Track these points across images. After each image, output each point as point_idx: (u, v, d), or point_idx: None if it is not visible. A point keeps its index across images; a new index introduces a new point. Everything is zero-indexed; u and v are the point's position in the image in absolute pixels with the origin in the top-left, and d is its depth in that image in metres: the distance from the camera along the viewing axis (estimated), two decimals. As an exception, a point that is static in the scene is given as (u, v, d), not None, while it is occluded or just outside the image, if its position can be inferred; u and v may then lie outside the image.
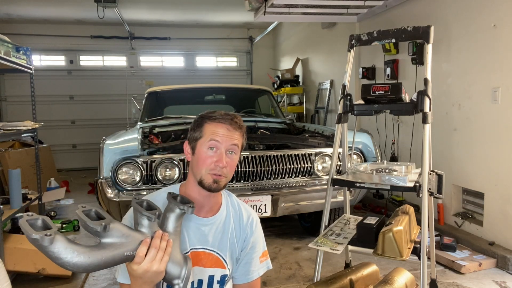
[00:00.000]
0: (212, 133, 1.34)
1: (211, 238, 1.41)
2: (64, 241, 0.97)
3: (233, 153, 1.36)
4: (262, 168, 3.13)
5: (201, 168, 1.34)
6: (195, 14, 7.82)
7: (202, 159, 1.34)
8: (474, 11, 3.46)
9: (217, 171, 1.33)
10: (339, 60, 6.05)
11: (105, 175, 2.89)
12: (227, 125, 1.35)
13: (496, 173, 3.27)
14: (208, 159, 1.33)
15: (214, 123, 1.36)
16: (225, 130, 1.35)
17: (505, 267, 3.06)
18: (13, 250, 2.93)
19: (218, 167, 1.32)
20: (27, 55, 3.68)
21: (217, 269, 1.42)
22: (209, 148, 1.34)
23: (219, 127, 1.35)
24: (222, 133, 1.34)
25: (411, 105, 2.00)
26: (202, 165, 1.34)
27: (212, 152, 1.34)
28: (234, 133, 1.36)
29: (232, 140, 1.35)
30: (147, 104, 4.51)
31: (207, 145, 1.34)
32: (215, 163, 1.33)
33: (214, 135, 1.34)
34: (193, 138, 1.39)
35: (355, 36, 2.22)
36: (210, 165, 1.33)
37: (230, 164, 1.36)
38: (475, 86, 3.47)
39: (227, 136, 1.34)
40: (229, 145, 1.34)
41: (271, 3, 4.43)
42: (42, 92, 7.61)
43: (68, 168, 8.22)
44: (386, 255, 1.81)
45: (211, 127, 1.36)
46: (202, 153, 1.34)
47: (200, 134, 1.36)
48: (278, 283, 2.96)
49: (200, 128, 1.37)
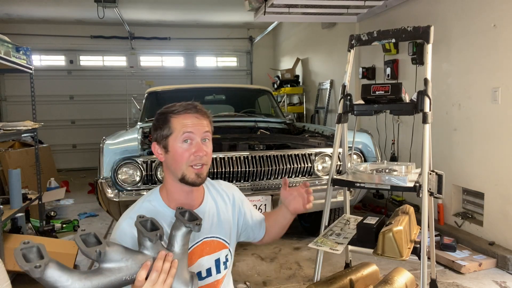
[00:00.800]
0: (182, 126, 1.32)
1: (207, 226, 1.42)
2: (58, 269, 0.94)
3: (207, 140, 1.36)
4: (262, 168, 3.13)
5: (181, 164, 1.31)
6: (195, 14, 7.82)
7: (179, 154, 1.31)
8: (474, 11, 3.46)
9: (198, 161, 1.31)
10: (339, 60, 6.05)
11: (105, 175, 2.89)
12: (195, 114, 1.34)
13: (496, 173, 3.27)
14: (185, 152, 1.31)
15: (180, 116, 1.33)
16: (194, 119, 1.33)
17: (505, 267, 3.05)
18: (13, 250, 2.93)
19: (198, 156, 1.31)
20: (27, 55, 3.68)
21: (221, 251, 1.45)
22: (183, 141, 1.31)
23: (187, 118, 1.33)
24: (192, 123, 1.32)
25: (411, 105, 2.00)
26: (180, 161, 1.31)
27: (187, 145, 1.31)
28: (203, 121, 1.35)
29: (204, 127, 1.34)
30: (147, 104, 4.52)
31: (181, 139, 1.31)
32: (194, 154, 1.31)
33: (186, 127, 1.31)
34: (161, 136, 1.34)
35: (355, 36, 2.22)
36: (189, 158, 1.31)
37: (208, 151, 1.35)
38: (475, 86, 3.47)
39: (198, 125, 1.33)
40: (202, 133, 1.33)
41: (271, 3, 4.43)
42: (42, 92, 7.60)
43: (68, 168, 8.22)
44: (386, 255, 1.81)
45: (179, 120, 1.33)
46: (178, 149, 1.31)
47: (169, 130, 1.33)
48: (278, 283, 2.96)
49: (167, 125, 1.33)
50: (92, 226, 4.49)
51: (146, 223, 1.13)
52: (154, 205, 1.37)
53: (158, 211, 1.35)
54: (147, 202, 1.38)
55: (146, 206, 1.37)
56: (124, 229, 1.29)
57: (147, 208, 1.36)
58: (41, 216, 4.02)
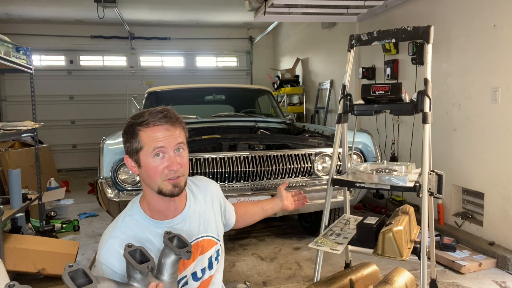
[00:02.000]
0: (152, 140, 1.23)
1: (194, 227, 1.41)
2: None
3: (181, 150, 1.28)
4: (262, 168, 3.13)
5: (155, 179, 1.25)
6: (195, 14, 7.82)
7: (153, 170, 1.24)
8: (474, 11, 3.46)
9: (172, 174, 1.25)
10: (339, 60, 6.05)
11: (105, 175, 2.89)
12: (164, 125, 1.24)
13: (496, 173, 3.27)
14: (158, 167, 1.24)
15: (149, 129, 1.23)
16: (164, 131, 1.24)
17: (505, 267, 3.05)
18: (13, 250, 2.93)
19: (172, 171, 1.25)
20: (27, 55, 3.68)
21: (212, 249, 1.46)
22: (155, 156, 1.24)
23: (156, 131, 1.23)
24: (163, 136, 1.23)
25: (411, 105, 2.00)
26: (154, 176, 1.25)
27: (160, 159, 1.24)
28: (175, 131, 1.26)
29: (176, 139, 1.26)
30: (147, 104, 4.52)
31: (152, 154, 1.24)
32: (167, 168, 1.24)
33: (155, 141, 1.23)
34: (132, 150, 1.26)
35: (355, 36, 2.22)
36: (162, 172, 1.24)
37: (183, 162, 1.28)
38: (475, 86, 3.47)
39: (169, 137, 1.24)
40: (175, 145, 1.25)
41: (271, 3, 4.43)
42: (42, 92, 7.61)
43: (68, 168, 8.22)
44: (386, 255, 1.81)
45: (148, 133, 1.24)
46: (150, 164, 1.24)
47: (138, 144, 1.24)
48: (278, 283, 2.96)
49: (136, 139, 1.25)
50: (92, 226, 4.49)
51: (135, 254, 1.10)
52: (137, 218, 1.32)
53: (141, 224, 1.32)
54: (128, 217, 1.33)
55: (128, 221, 1.32)
56: (110, 250, 1.25)
57: (130, 223, 1.32)
58: (41, 216, 4.02)
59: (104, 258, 1.24)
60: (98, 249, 1.29)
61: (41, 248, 3.06)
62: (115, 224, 1.34)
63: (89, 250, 3.67)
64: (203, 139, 3.13)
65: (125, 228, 1.30)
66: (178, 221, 1.37)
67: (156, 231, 1.32)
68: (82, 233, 4.23)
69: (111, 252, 1.25)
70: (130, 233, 1.29)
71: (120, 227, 1.31)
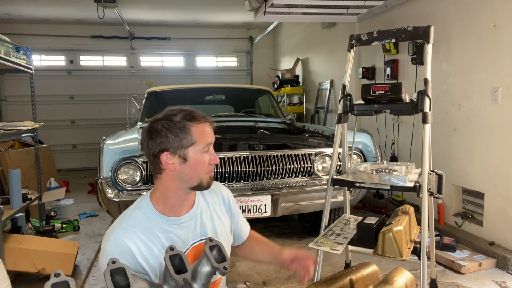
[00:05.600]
0: (203, 135, 1.31)
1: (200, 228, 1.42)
2: None
3: None
4: (262, 168, 3.13)
5: (201, 173, 1.32)
6: (195, 14, 7.82)
7: (201, 164, 1.31)
8: (474, 11, 3.46)
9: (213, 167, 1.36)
10: (339, 60, 6.05)
11: (105, 175, 2.89)
12: (209, 122, 1.35)
13: (496, 173, 3.27)
14: (206, 161, 1.32)
15: (200, 125, 1.31)
16: (210, 128, 1.34)
17: (505, 267, 3.05)
18: (13, 250, 2.93)
19: (214, 164, 1.35)
20: (27, 55, 3.68)
21: None
22: (205, 151, 1.32)
23: (206, 127, 1.33)
24: (210, 132, 1.34)
25: (411, 105, 2.00)
26: (202, 169, 1.32)
27: (207, 154, 1.33)
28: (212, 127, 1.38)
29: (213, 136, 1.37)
30: (147, 104, 4.52)
31: (204, 149, 1.31)
32: (210, 162, 1.33)
33: (207, 137, 1.32)
34: (181, 146, 1.29)
35: (355, 36, 2.22)
36: (208, 166, 1.33)
37: None
38: (475, 86, 3.47)
39: (212, 133, 1.35)
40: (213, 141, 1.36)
41: (271, 3, 4.43)
42: (42, 92, 7.60)
43: (68, 168, 8.22)
44: (386, 255, 1.81)
45: (199, 129, 1.31)
46: (199, 158, 1.31)
47: (190, 140, 1.29)
48: (278, 283, 2.96)
49: (187, 134, 1.29)
50: (92, 226, 4.49)
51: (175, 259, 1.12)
52: (145, 212, 1.35)
53: (150, 218, 1.34)
54: (138, 209, 1.36)
55: (137, 214, 1.35)
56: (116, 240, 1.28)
57: (139, 215, 1.34)
58: (41, 216, 4.02)
59: (110, 248, 1.27)
60: (104, 239, 1.32)
61: (41, 248, 3.06)
62: (123, 215, 1.37)
63: (89, 250, 3.67)
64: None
65: (133, 220, 1.33)
66: (185, 219, 1.39)
67: (163, 227, 1.34)
68: (82, 233, 4.23)
69: (117, 243, 1.27)
70: (137, 225, 1.31)
71: (128, 219, 1.33)
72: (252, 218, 3.07)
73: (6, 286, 1.40)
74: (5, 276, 1.40)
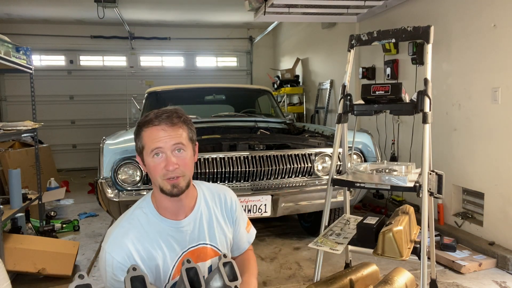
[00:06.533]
0: (150, 140, 1.29)
1: (199, 232, 1.42)
2: None
3: (181, 150, 1.30)
4: (262, 168, 3.13)
5: (156, 177, 1.30)
6: (195, 14, 7.82)
7: (152, 168, 1.30)
8: (474, 11, 3.46)
9: (170, 174, 1.28)
10: (339, 60, 6.05)
11: (105, 175, 2.89)
12: (163, 126, 1.29)
13: (496, 173, 3.27)
14: (157, 166, 1.29)
15: (149, 129, 1.30)
16: (161, 132, 1.28)
17: (505, 267, 3.05)
18: (13, 250, 2.93)
19: (169, 170, 1.28)
20: (27, 55, 3.68)
21: (214, 259, 1.45)
22: (154, 156, 1.29)
23: (154, 131, 1.29)
24: (160, 137, 1.28)
25: (411, 105, 2.00)
26: (155, 174, 1.30)
27: (158, 159, 1.29)
28: (174, 131, 1.29)
29: (174, 139, 1.29)
30: (147, 104, 4.52)
31: (151, 154, 1.29)
32: (165, 168, 1.28)
33: (153, 141, 1.28)
34: (138, 150, 1.35)
35: (355, 36, 2.22)
36: (161, 171, 1.29)
37: (182, 162, 1.30)
38: (475, 86, 3.47)
39: (166, 138, 1.28)
40: (171, 146, 1.28)
41: (271, 3, 4.43)
42: (42, 92, 7.60)
43: (68, 168, 8.22)
44: (386, 255, 1.81)
45: (148, 134, 1.30)
46: (150, 163, 1.30)
47: (141, 144, 1.32)
48: (278, 283, 2.96)
49: (139, 138, 1.32)
50: (92, 226, 4.48)
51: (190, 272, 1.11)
52: (146, 212, 1.36)
53: (149, 219, 1.35)
54: (139, 209, 1.37)
55: (138, 214, 1.36)
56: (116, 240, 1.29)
57: (139, 216, 1.35)
58: (41, 216, 4.02)
59: (110, 247, 1.28)
60: (105, 237, 1.34)
61: (41, 248, 3.06)
62: (125, 215, 1.39)
63: (89, 250, 3.67)
64: (203, 139, 3.13)
65: (133, 220, 1.34)
66: (184, 223, 1.39)
67: (162, 229, 1.34)
68: (82, 233, 4.23)
69: (116, 242, 1.29)
70: (137, 225, 1.32)
71: (129, 218, 1.35)
72: (252, 218, 3.07)
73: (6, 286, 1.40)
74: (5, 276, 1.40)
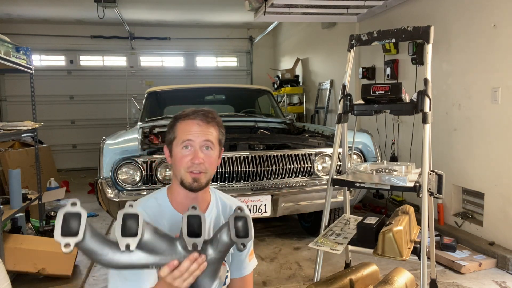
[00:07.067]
0: (183, 132, 1.34)
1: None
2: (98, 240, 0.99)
3: (209, 148, 1.35)
4: (262, 168, 3.13)
5: (179, 168, 1.33)
6: (195, 14, 7.82)
7: (179, 159, 1.33)
8: (474, 11, 3.46)
9: (194, 168, 1.31)
10: (339, 60, 6.05)
11: (105, 175, 2.89)
12: (198, 121, 1.34)
13: (496, 173, 3.27)
14: (184, 158, 1.32)
15: (185, 122, 1.35)
16: (196, 126, 1.34)
17: (505, 267, 3.05)
18: (13, 250, 2.93)
19: (194, 164, 1.31)
20: (27, 55, 3.68)
21: None
22: (183, 147, 1.33)
23: (189, 124, 1.34)
24: (193, 130, 1.33)
25: (411, 105, 2.00)
26: (179, 165, 1.33)
27: (187, 151, 1.33)
28: (207, 128, 1.34)
29: (205, 136, 1.33)
30: (147, 104, 4.52)
31: (181, 145, 1.33)
32: (191, 160, 1.32)
33: (186, 133, 1.33)
34: (168, 140, 1.39)
35: (355, 36, 2.22)
36: (187, 163, 1.32)
37: (208, 160, 1.34)
38: (475, 86, 3.47)
39: (199, 132, 1.33)
40: (202, 141, 1.33)
41: (271, 3, 4.43)
42: (42, 92, 7.59)
43: (68, 168, 8.21)
44: (386, 255, 1.81)
45: (182, 126, 1.35)
46: (178, 153, 1.34)
47: (173, 135, 1.36)
48: (278, 283, 2.96)
49: (173, 129, 1.37)
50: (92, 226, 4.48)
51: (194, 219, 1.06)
52: (160, 203, 1.38)
53: (162, 210, 1.37)
54: (153, 199, 1.40)
55: (151, 203, 1.38)
56: None
57: (152, 205, 1.37)
58: (41, 216, 4.02)
59: None
60: None
61: (41, 248, 3.06)
62: (139, 201, 1.40)
63: (89, 250, 3.67)
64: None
65: (147, 207, 1.35)
66: None
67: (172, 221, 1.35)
68: (82, 233, 4.22)
69: None
70: (149, 212, 1.33)
71: (142, 205, 1.37)
72: (252, 218, 3.07)
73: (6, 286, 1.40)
74: (5, 276, 1.40)
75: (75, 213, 0.94)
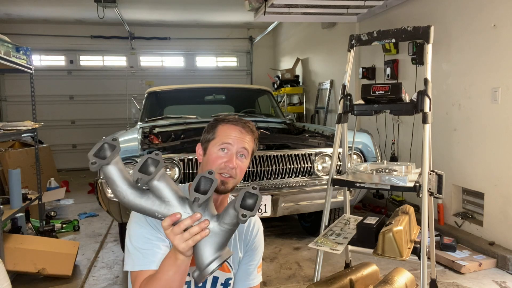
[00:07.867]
0: (224, 134, 1.37)
1: None
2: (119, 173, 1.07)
3: (243, 156, 1.38)
4: (262, 168, 3.13)
5: (211, 168, 1.33)
6: (195, 14, 7.82)
7: (212, 159, 1.36)
8: (474, 11, 3.46)
9: (227, 171, 1.34)
10: (339, 60, 6.05)
11: (105, 175, 2.88)
12: (240, 128, 1.39)
13: (496, 173, 3.27)
14: (218, 159, 1.35)
15: (227, 125, 1.39)
16: (237, 132, 1.38)
17: (505, 267, 3.06)
18: (13, 250, 2.93)
19: (228, 167, 1.34)
20: (27, 55, 3.68)
21: (222, 273, 1.43)
22: (220, 149, 1.36)
23: (231, 129, 1.38)
24: (234, 135, 1.37)
25: (411, 105, 2.00)
26: (212, 165, 1.35)
27: (223, 153, 1.36)
28: (246, 136, 1.39)
29: (243, 143, 1.37)
30: (147, 104, 4.51)
31: (219, 147, 1.36)
32: (225, 163, 1.34)
33: (226, 137, 1.37)
34: (205, 139, 1.41)
35: (355, 36, 2.22)
36: (220, 165, 1.34)
37: (240, 166, 1.37)
38: (475, 86, 3.47)
39: (238, 138, 1.37)
40: (240, 148, 1.37)
41: (271, 3, 4.43)
42: (42, 92, 7.60)
43: (68, 168, 8.21)
44: (386, 255, 1.81)
45: (224, 129, 1.39)
46: (213, 154, 1.36)
47: (213, 135, 1.39)
48: (278, 283, 2.96)
49: (213, 130, 1.40)
50: (92, 226, 4.48)
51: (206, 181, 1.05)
52: None
53: None
54: None
55: None
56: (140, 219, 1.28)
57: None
58: (41, 216, 4.02)
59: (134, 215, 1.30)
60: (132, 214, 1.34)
61: (41, 248, 3.06)
62: None
63: (89, 250, 3.67)
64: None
65: None
66: None
67: None
68: (82, 233, 4.23)
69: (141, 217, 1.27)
70: None
71: None
72: (252, 218, 3.07)
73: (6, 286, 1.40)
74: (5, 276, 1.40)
75: (111, 145, 1.08)
